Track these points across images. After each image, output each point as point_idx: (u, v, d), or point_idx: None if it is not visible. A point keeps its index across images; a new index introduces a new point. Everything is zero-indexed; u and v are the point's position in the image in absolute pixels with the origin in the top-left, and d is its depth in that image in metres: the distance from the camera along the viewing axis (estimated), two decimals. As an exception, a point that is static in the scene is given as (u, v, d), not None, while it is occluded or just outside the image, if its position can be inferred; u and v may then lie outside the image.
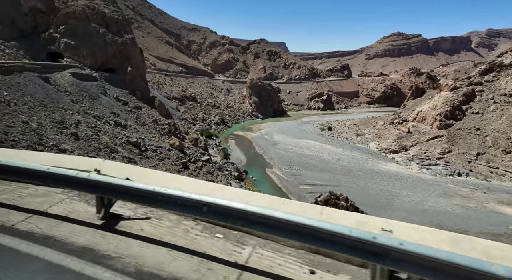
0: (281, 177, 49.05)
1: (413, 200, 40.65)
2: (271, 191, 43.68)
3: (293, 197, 41.18)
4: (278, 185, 45.85)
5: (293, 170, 51.90)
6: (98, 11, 57.96)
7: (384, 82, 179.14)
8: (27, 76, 41.72)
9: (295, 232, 2.71)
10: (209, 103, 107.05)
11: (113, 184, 3.48)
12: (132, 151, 40.65)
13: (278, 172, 51.49)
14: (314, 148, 65.52)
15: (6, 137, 25.58)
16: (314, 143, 70.22)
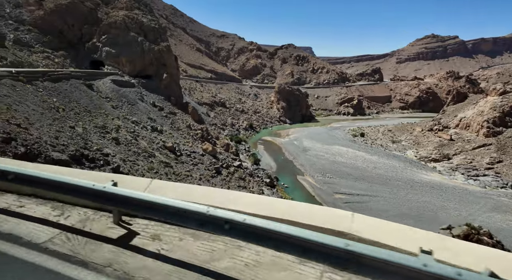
0: (313, 185, 47.61)
1: (461, 214, 37.44)
2: (304, 199, 42.47)
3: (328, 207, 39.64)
4: (311, 193, 44.47)
5: (326, 178, 50.24)
6: (137, 20, 60.63)
7: (419, 87, 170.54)
8: (73, 83, 44.34)
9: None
10: (238, 109, 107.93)
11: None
12: (168, 155, 41.50)
13: (310, 180, 50.09)
14: (347, 155, 63.20)
15: (57, 142, 26.99)
16: (346, 149, 67.83)
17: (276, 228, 2.48)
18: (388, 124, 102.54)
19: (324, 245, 2.27)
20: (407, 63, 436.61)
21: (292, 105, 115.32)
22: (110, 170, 28.18)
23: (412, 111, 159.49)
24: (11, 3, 57.47)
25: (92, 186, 3.35)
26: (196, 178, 38.39)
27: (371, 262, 2.10)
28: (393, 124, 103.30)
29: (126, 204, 3.25)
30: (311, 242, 2.33)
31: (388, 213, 37.36)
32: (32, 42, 52.57)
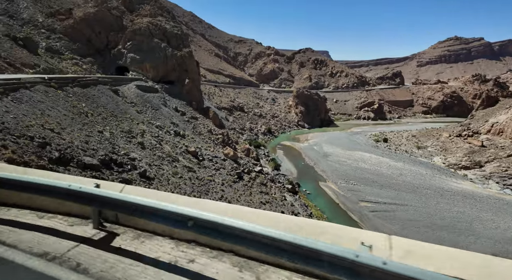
0: (337, 192, 46.29)
1: (499, 226, 35.04)
2: (328, 207, 41.34)
3: (354, 216, 38.37)
4: (335, 201, 43.19)
5: (349, 185, 48.76)
6: (160, 27, 61.94)
7: (443, 90, 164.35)
8: (100, 88, 45.63)
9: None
10: (256, 113, 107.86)
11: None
12: (191, 160, 41.64)
13: (333, 186, 48.77)
14: (371, 161, 61.27)
15: (87, 146, 27.57)
16: (369, 155, 65.84)
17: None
18: (412, 129, 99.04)
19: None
20: (429, 66, 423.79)
21: (311, 110, 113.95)
22: (137, 175, 28.44)
23: (436, 116, 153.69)
24: (43, 12, 60.28)
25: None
26: (218, 183, 38.20)
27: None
28: (416, 129, 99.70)
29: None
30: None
31: (418, 223, 35.58)
32: (62, 50, 54.73)
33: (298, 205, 39.33)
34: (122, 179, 25.60)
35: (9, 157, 17.53)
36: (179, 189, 31.13)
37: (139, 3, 69.60)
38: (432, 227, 34.56)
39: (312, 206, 40.42)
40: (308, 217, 36.61)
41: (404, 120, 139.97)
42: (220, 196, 34.39)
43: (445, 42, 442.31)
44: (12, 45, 43.57)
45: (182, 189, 31.53)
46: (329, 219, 37.19)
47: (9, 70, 37.61)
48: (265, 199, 37.87)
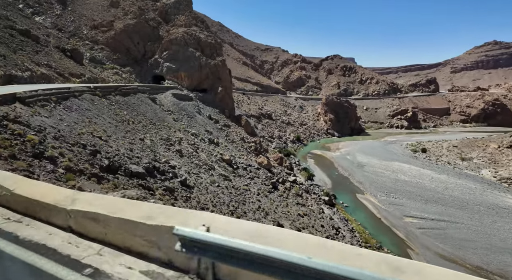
0: (377, 206, 43.62)
1: None
2: (369, 222, 38.91)
3: (399, 232, 35.70)
4: (376, 215, 40.62)
5: (390, 198, 45.87)
6: (195, 36, 63.26)
7: (483, 98, 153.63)
8: (140, 97, 46.97)
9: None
10: (284, 121, 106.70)
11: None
12: (226, 168, 41.27)
13: (372, 199, 46.12)
14: (411, 173, 57.64)
15: (132, 154, 27.93)
16: (408, 167, 62.10)
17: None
18: (451, 139, 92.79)
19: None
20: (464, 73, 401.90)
21: (341, 117, 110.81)
22: (178, 183, 28.31)
23: (476, 125, 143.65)
24: (87, 25, 63.85)
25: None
26: (254, 193, 37.33)
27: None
28: (456, 139, 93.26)
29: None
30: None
31: (475, 244, 32.27)
32: (104, 60, 57.35)
33: (337, 219, 37.35)
34: (166, 187, 25.50)
35: (66, 165, 17.79)
36: (218, 198, 30.60)
37: (174, 14, 71.88)
38: (492, 249, 31.16)
39: (352, 221, 38.24)
40: (349, 232, 34.56)
41: (441, 129, 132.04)
42: (257, 206, 33.43)
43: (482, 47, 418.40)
44: (61, 56, 46.21)
45: (220, 198, 30.98)
46: (372, 235, 34.91)
47: (59, 80, 39.67)
48: (302, 211, 36.34)
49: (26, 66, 34.46)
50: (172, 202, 23.90)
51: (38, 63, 39.03)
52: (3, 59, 32.94)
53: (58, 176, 16.12)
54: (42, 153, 16.96)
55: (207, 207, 27.23)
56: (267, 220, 30.87)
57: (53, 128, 21.41)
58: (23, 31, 43.04)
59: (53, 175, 15.93)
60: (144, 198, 16.32)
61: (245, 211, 30.34)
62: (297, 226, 31.19)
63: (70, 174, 17.03)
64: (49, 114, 23.61)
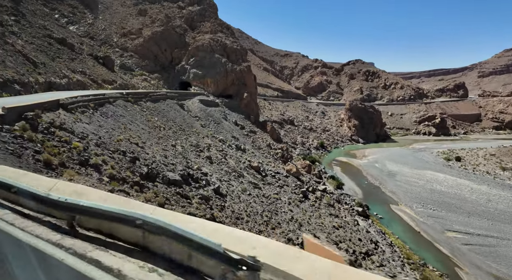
0: (414, 218, 41.03)
1: None
2: (408, 235, 36.49)
3: (443, 248, 33.11)
4: (414, 228, 38.11)
5: (428, 210, 43.09)
6: (221, 42, 63.42)
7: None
8: (169, 103, 47.22)
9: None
10: (306, 127, 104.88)
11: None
12: (255, 176, 40.31)
13: (407, 211, 43.52)
14: (447, 183, 54.26)
15: (167, 160, 27.59)
16: (443, 176, 58.60)
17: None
18: (486, 147, 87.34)
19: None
20: (493, 77, 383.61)
21: (365, 123, 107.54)
22: (212, 191, 27.60)
23: (511, 132, 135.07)
24: (117, 33, 65.63)
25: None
26: (285, 202, 36.03)
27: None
28: (491, 146, 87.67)
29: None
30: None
31: (533, 265, 29.25)
32: (133, 66, 58.47)
33: (373, 232, 35.26)
34: (202, 196, 24.83)
35: (110, 173, 17.42)
36: (251, 208, 29.60)
37: (200, 21, 72.70)
38: (553, 272, 28.07)
39: (389, 234, 36.01)
40: (388, 247, 32.41)
41: (472, 136, 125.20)
42: (290, 217, 32.08)
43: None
44: (94, 63, 47.40)
45: (253, 207, 29.95)
46: (413, 251, 32.56)
47: (93, 86, 40.49)
48: (337, 223, 34.59)
49: (64, 73, 35.32)
50: (208, 211, 23.17)
51: (74, 70, 40.04)
52: (43, 66, 33.92)
53: (104, 184, 15.75)
54: (87, 161, 16.70)
55: (242, 217, 26.28)
56: (301, 231, 29.46)
57: (94, 134, 21.31)
58: (60, 39, 44.52)
59: (101, 184, 15.56)
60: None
61: (278, 221, 29.13)
62: (334, 239, 29.53)
63: (114, 182, 16.63)
64: (89, 120, 23.65)
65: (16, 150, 12.29)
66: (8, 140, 12.72)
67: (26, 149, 13.08)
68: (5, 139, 12.63)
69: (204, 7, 74.70)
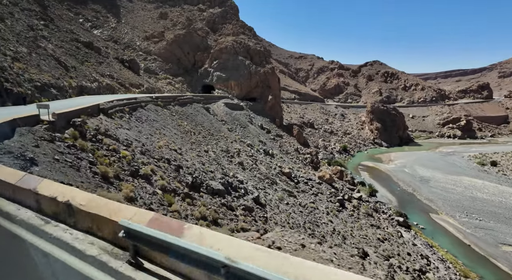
0: (459, 229, 38.01)
1: None
2: (457, 249, 33.59)
3: (501, 264, 30.12)
4: (463, 241, 35.15)
5: (473, 220, 39.95)
6: (244, 44, 62.02)
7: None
8: (195, 107, 45.96)
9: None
10: (326, 130, 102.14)
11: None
12: (288, 183, 38.34)
13: (450, 221, 40.50)
14: (488, 190, 50.74)
15: (205, 168, 26.01)
16: (481, 182, 54.99)
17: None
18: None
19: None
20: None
21: (388, 126, 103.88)
22: (252, 201, 25.85)
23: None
24: (140, 37, 65.26)
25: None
26: (323, 212, 33.85)
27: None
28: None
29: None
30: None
31: None
32: (157, 70, 57.72)
33: (420, 245, 32.61)
34: (245, 206, 23.08)
35: (162, 185, 15.92)
36: (291, 219, 27.62)
37: (221, 23, 71.69)
38: None
39: (437, 247, 33.23)
40: (441, 262, 29.71)
41: (501, 139, 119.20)
42: (332, 228, 29.90)
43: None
44: (120, 66, 46.72)
45: (294, 218, 27.97)
46: (468, 267, 29.73)
47: (121, 90, 39.60)
48: (380, 235, 32.15)
49: (94, 77, 34.47)
50: (253, 223, 21.39)
51: (102, 73, 39.27)
52: (74, 70, 33.15)
53: (160, 199, 14.18)
54: (137, 171, 15.23)
55: (286, 229, 24.32)
56: (347, 245, 27.24)
57: (137, 141, 19.93)
58: (87, 43, 44.02)
59: (156, 198, 14.01)
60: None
61: (322, 234, 26.99)
62: (383, 254, 27.14)
63: (167, 195, 15.07)
64: (129, 126, 22.35)
65: (74, 162, 10.85)
66: (64, 150, 11.30)
67: (81, 160, 11.66)
68: (61, 149, 11.21)
69: (225, 9, 73.71)
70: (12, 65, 19.54)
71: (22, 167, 7.82)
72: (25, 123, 11.23)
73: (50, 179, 8.58)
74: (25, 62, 24.14)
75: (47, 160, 9.55)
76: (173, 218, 4.74)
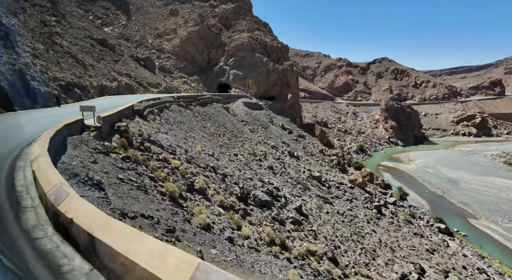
0: (505, 236, 35.32)
1: None
2: (510, 259, 30.83)
3: None
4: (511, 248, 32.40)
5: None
6: (260, 41, 59.33)
7: None
8: (215, 107, 43.38)
9: None
10: (340, 129, 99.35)
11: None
12: (320, 188, 35.69)
13: (493, 227, 37.78)
14: (524, 193, 47.89)
15: (243, 175, 23.45)
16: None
17: None
18: (544, 149, 79.42)
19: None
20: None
21: (403, 125, 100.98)
22: (294, 211, 23.24)
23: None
24: (151, 34, 62.67)
25: None
26: (363, 220, 31.17)
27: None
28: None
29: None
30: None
31: None
32: (172, 68, 55.16)
33: (470, 256, 29.90)
34: (293, 219, 20.52)
35: (220, 200, 13.35)
36: (336, 230, 25.00)
37: (235, 19, 69.00)
38: None
39: (489, 258, 30.47)
40: (499, 276, 27.00)
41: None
42: (378, 239, 27.22)
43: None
44: (136, 65, 44.19)
45: (339, 230, 25.34)
46: (529, 280, 26.96)
47: (139, 90, 37.08)
48: (427, 245, 29.48)
49: (113, 76, 31.93)
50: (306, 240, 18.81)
51: (120, 72, 36.75)
52: (92, 68, 30.63)
53: (227, 220, 11.62)
54: (192, 185, 12.68)
55: (337, 245, 21.71)
56: (398, 258, 24.57)
57: (179, 147, 17.38)
58: (101, 40, 41.54)
59: (222, 219, 11.45)
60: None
61: (373, 248, 24.34)
62: (439, 269, 24.49)
63: (230, 214, 12.52)
64: (165, 129, 19.84)
65: (138, 181, 8.29)
66: (123, 165, 8.74)
67: (142, 176, 9.15)
68: (119, 164, 8.66)
69: (238, 5, 71.00)
70: (34, 62, 17.03)
71: (100, 199, 5.30)
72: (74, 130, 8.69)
73: (127, 208, 6.04)
74: (45, 59, 21.63)
75: (112, 182, 7.04)
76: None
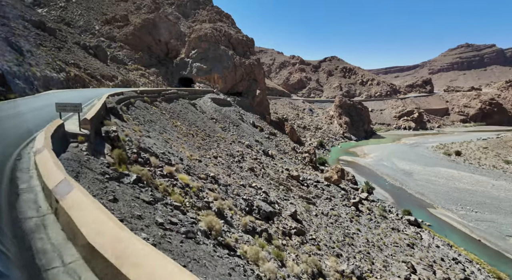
0: (462, 223, 38.69)
1: None
2: (470, 245, 33.66)
3: (518, 257, 30.59)
4: (470, 236, 35.57)
5: (470, 212, 41.16)
6: (224, 33, 56.03)
7: (479, 98, 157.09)
8: (182, 103, 39.18)
9: None
10: (299, 125, 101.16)
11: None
12: (300, 188, 34.53)
13: (449, 214, 41.22)
14: (466, 180, 53.72)
15: (236, 182, 20.62)
16: (457, 173, 58.33)
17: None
18: (470, 140, 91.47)
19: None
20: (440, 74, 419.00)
21: (355, 120, 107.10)
22: (291, 219, 21.38)
23: (475, 124, 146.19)
24: (98, 20, 54.70)
25: None
26: (346, 219, 30.86)
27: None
28: (471, 139, 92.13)
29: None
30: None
31: None
32: (125, 59, 48.74)
33: (442, 246, 31.75)
34: (296, 229, 18.59)
35: (244, 224, 10.60)
36: (330, 235, 23.87)
37: (193, 8, 64.09)
38: None
39: (456, 246, 32.75)
40: (470, 264, 28.96)
41: (447, 130, 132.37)
42: (365, 239, 26.99)
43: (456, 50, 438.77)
44: (84, 54, 37.44)
45: (333, 234, 24.28)
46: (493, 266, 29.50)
47: (92, 83, 31.18)
48: (406, 239, 30.41)
49: (60, 66, 26.03)
50: (315, 253, 17.12)
51: (66, 62, 30.44)
52: (31, 55, 24.33)
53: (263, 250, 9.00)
54: (209, 206, 9.75)
55: (339, 252, 20.45)
56: (388, 258, 24.57)
57: (171, 154, 13.94)
58: (37, 23, 34.10)
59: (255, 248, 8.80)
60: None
61: (367, 251, 23.83)
62: (425, 264, 25.12)
63: (260, 241, 9.93)
64: (145, 131, 15.99)
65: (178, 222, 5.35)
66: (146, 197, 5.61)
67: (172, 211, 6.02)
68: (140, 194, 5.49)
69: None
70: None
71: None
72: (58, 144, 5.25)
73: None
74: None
75: (156, 233, 4.04)
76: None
